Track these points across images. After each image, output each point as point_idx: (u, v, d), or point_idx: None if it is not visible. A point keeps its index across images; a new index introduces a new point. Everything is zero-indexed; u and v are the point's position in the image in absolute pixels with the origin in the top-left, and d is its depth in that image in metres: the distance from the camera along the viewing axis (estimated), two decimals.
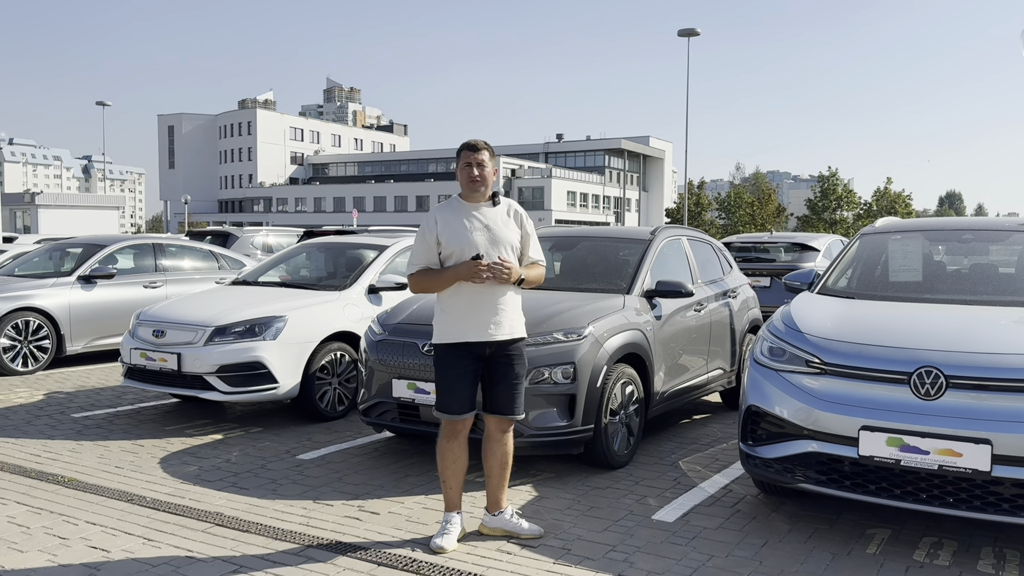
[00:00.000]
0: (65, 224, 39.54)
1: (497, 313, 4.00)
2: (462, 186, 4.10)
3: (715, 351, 6.87)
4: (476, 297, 3.98)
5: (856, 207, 57.27)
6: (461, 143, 4.13)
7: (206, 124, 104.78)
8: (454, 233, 4.00)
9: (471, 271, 3.89)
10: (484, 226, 4.02)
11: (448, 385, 4.05)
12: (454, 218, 4.05)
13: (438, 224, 4.04)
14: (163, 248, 10.71)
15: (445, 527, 4.11)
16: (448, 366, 4.06)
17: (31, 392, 7.98)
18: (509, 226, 4.09)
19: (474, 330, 3.99)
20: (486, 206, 4.09)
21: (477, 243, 3.97)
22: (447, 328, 4.06)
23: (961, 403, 3.87)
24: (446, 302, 4.07)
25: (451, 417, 4.06)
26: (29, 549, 3.99)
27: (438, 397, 4.11)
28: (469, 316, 3.99)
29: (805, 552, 4.05)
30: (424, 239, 4.07)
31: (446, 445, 4.11)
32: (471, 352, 4.03)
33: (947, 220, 6.09)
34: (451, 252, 4.00)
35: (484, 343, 4.01)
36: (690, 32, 38.61)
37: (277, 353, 6.47)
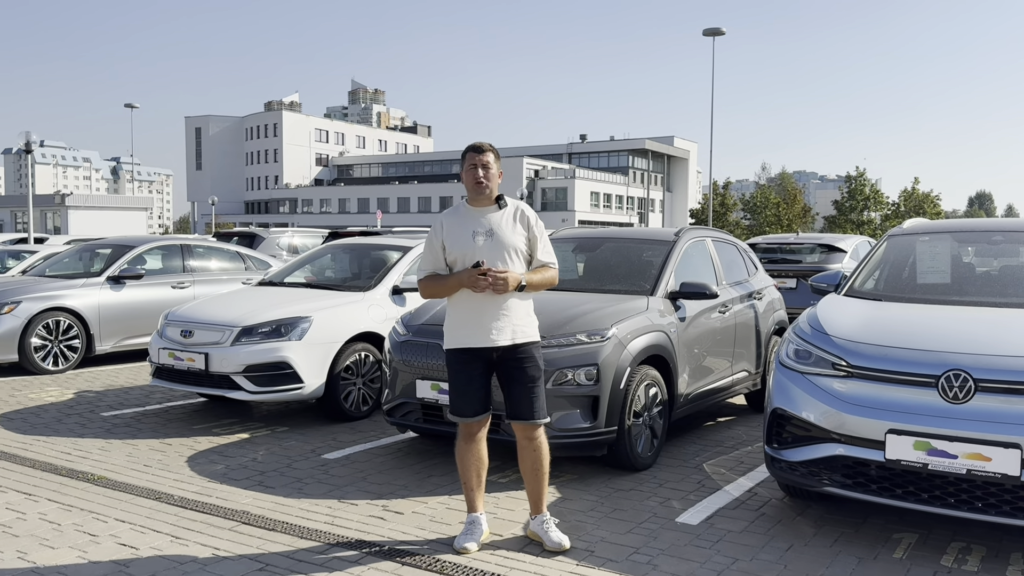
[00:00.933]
0: (94, 225, 40.07)
1: (499, 319, 3.98)
2: (467, 189, 4.09)
3: (740, 353, 6.83)
4: (479, 303, 3.97)
5: (884, 207, 56.62)
6: (466, 146, 4.14)
7: (233, 126, 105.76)
8: (457, 239, 4.01)
9: (471, 279, 3.90)
10: (488, 231, 4.01)
11: (458, 388, 4.07)
12: (459, 224, 4.05)
13: (444, 229, 4.06)
14: (191, 249, 10.83)
15: (468, 528, 4.12)
16: (456, 370, 4.08)
17: (61, 391, 8.10)
18: (515, 230, 4.06)
19: (477, 336, 4.00)
20: (492, 210, 4.07)
21: (479, 249, 3.97)
22: (453, 333, 4.09)
23: (990, 407, 3.82)
24: (452, 308, 4.10)
25: (463, 420, 4.07)
26: (60, 546, 4.05)
27: (450, 400, 4.14)
28: (473, 322, 4.00)
29: (831, 556, 4.02)
30: (431, 244, 4.10)
31: (463, 447, 4.13)
32: (478, 356, 4.03)
33: (976, 221, 6.02)
34: (455, 258, 4.02)
35: (489, 348, 4.01)
36: (715, 31, 38.37)
37: (303, 353, 6.53)
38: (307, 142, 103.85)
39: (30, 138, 18.72)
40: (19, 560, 3.87)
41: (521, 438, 4.13)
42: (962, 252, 5.54)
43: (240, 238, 16.23)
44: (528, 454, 4.13)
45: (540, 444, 4.13)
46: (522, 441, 4.13)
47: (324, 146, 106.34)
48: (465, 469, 4.14)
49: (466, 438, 4.12)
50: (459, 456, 4.15)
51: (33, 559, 3.88)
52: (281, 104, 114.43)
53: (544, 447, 4.15)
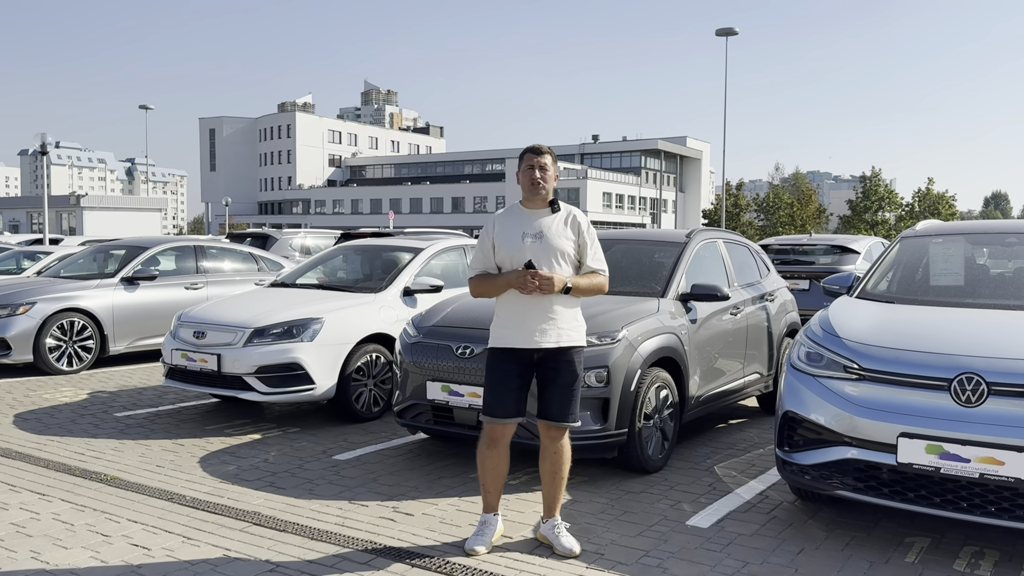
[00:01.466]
0: (109, 226, 40.35)
1: (546, 321, 3.99)
2: (523, 189, 4.11)
3: (752, 355, 6.81)
4: (526, 304, 3.98)
5: (898, 208, 56.34)
6: (524, 147, 4.16)
7: (246, 127, 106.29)
8: (507, 239, 4.04)
9: (520, 280, 3.90)
10: (537, 234, 4.02)
11: (493, 388, 4.06)
12: (510, 224, 4.08)
13: (495, 229, 4.09)
14: (204, 250, 10.89)
15: (480, 529, 4.12)
16: (493, 369, 4.07)
17: (75, 391, 8.16)
18: (565, 234, 4.06)
19: (521, 337, 4.00)
20: (544, 213, 4.09)
21: (527, 251, 3.98)
22: (497, 333, 4.09)
23: (1003, 410, 3.79)
24: (499, 307, 4.10)
25: (492, 420, 4.05)
26: (73, 546, 4.08)
27: (483, 399, 4.14)
28: (518, 322, 4.00)
29: (842, 560, 4.00)
30: (482, 244, 4.13)
31: (485, 451, 4.10)
32: (518, 358, 4.03)
33: (990, 223, 5.97)
34: (504, 258, 4.05)
35: (531, 350, 4.01)
36: (728, 31, 38.24)
37: (314, 354, 6.55)
38: (320, 143, 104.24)
39: (46, 140, 18.87)
40: (32, 560, 3.90)
41: (545, 439, 4.13)
42: (975, 254, 5.50)
43: (253, 239, 16.30)
44: (549, 455, 4.13)
45: (563, 447, 4.13)
46: (546, 442, 4.13)
47: (337, 147, 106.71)
48: (483, 472, 4.13)
49: (489, 442, 4.08)
50: (480, 459, 4.13)
51: (46, 559, 3.91)
52: (294, 105, 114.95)
53: (566, 451, 4.14)
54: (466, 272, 8.16)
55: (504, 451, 4.12)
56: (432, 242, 8.19)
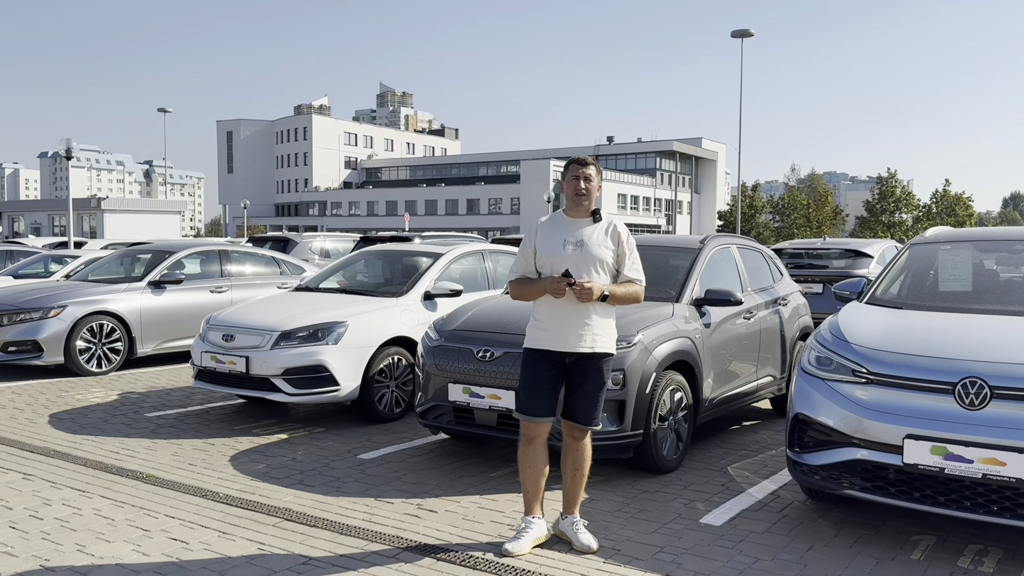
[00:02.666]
0: (129, 228, 40.84)
1: (580, 327, 4.16)
2: (567, 199, 4.30)
3: (765, 358, 6.96)
4: (562, 310, 4.15)
5: (915, 209, 56.13)
6: (569, 159, 4.34)
7: (263, 130, 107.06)
8: (548, 246, 4.22)
9: (554, 287, 4.08)
10: (578, 242, 4.19)
11: (527, 387, 4.23)
12: (552, 231, 4.26)
13: (537, 235, 4.27)
14: (228, 254, 11.13)
15: (520, 532, 4.24)
16: (529, 369, 4.24)
17: (106, 392, 8.41)
18: (605, 244, 4.23)
19: (556, 340, 4.18)
20: (585, 222, 4.26)
21: (567, 259, 4.15)
22: (533, 334, 4.27)
23: (1006, 413, 3.94)
24: (536, 311, 4.28)
25: (526, 418, 4.21)
26: (115, 540, 4.30)
27: (517, 398, 4.32)
28: (554, 326, 4.18)
29: (850, 557, 4.16)
30: (524, 249, 4.31)
31: (522, 449, 4.27)
32: (552, 360, 4.20)
33: (999, 230, 6.09)
34: (543, 264, 4.23)
35: (564, 353, 4.19)
36: (743, 33, 38.24)
37: (339, 357, 6.76)
38: (336, 145, 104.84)
39: (70, 144, 19.21)
40: (79, 553, 4.12)
41: (568, 437, 4.31)
42: (983, 260, 5.63)
43: (274, 242, 16.55)
44: (571, 453, 4.31)
45: (584, 447, 4.31)
46: (568, 440, 4.32)
47: (353, 149, 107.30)
48: (522, 471, 4.27)
49: (525, 440, 4.25)
50: (519, 457, 4.29)
51: (91, 551, 4.13)
52: (311, 108, 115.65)
53: (587, 451, 4.32)
54: (483, 277, 8.40)
55: (540, 449, 4.26)
56: (451, 247, 8.38)
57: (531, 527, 4.25)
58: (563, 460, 4.35)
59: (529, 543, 4.20)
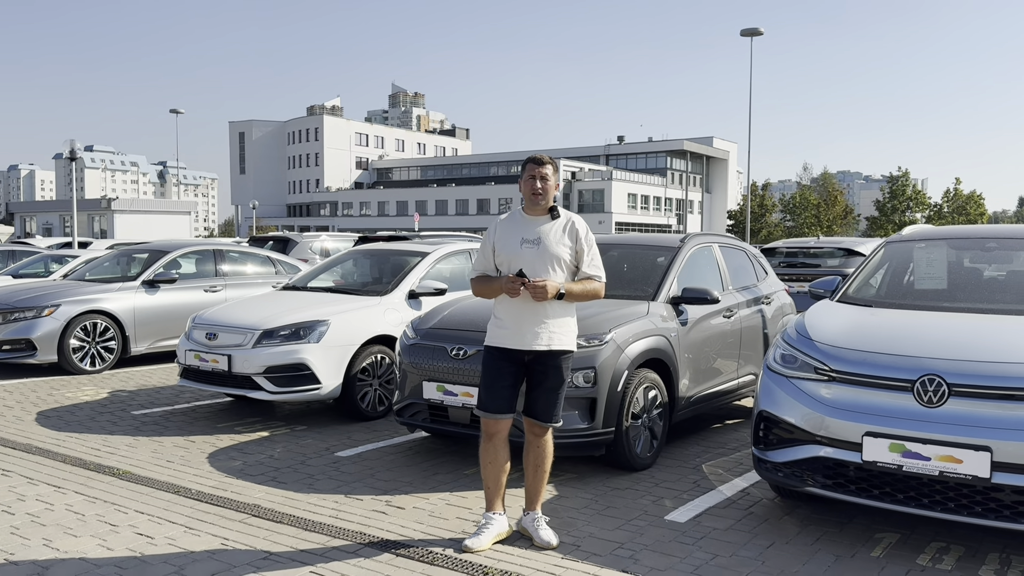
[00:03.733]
0: (139, 229, 41.09)
1: (538, 325, 4.19)
2: (524, 198, 4.32)
3: (747, 356, 6.95)
4: (520, 308, 4.18)
5: (926, 208, 55.77)
6: (527, 157, 4.36)
7: (275, 131, 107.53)
8: (505, 245, 4.24)
9: (508, 287, 4.10)
10: (535, 240, 4.22)
11: (487, 384, 4.26)
12: (510, 230, 4.28)
13: (496, 234, 4.31)
14: (223, 254, 11.21)
15: (481, 528, 4.26)
16: (489, 367, 4.27)
17: (97, 390, 8.49)
18: (562, 241, 4.25)
19: (514, 338, 4.20)
20: (543, 220, 4.28)
21: (523, 256, 4.18)
22: (493, 332, 4.30)
23: (962, 410, 3.94)
24: (496, 309, 4.32)
25: (487, 415, 4.24)
26: (82, 534, 4.36)
27: (478, 395, 4.34)
28: (512, 324, 4.21)
29: (809, 554, 4.16)
30: (484, 247, 4.36)
31: (483, 446, 4.30)
32: (511, 358, 4.23)
33: (974, 228, 6.07)
34: (501, 262, 4.27)
35: (523, 351, 4.21)
36: (753, 32, 38.10)
37: (320, 355, 6.81)
38: (347, 146, 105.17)
39: (74, 146, 19.42)
40: (44, 547, 4.18)
41: (529, 434, 4.34)
42: (956, 259, 5.61)
43: (274, 242, 16.64)
44: (533, 450, 4.33)
45: (546, 443, 4.34)
46: (530, 437, 4.34)
47: (364, 149, 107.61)
48: (483, 467, 4.29)
49: (486, 437, 4.28)
50: (480, 454, 4.32)
51: (57, 546, 4.19)
52: (323, 108, 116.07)
53: (549, 447, 4.36)
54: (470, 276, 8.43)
55: (501, 446, 4.29)
56: (438, 246, 8.42)
57: (492, 523, 4.27)
58: (525, 457, 4.38)
59: (489, 539, 4.21)
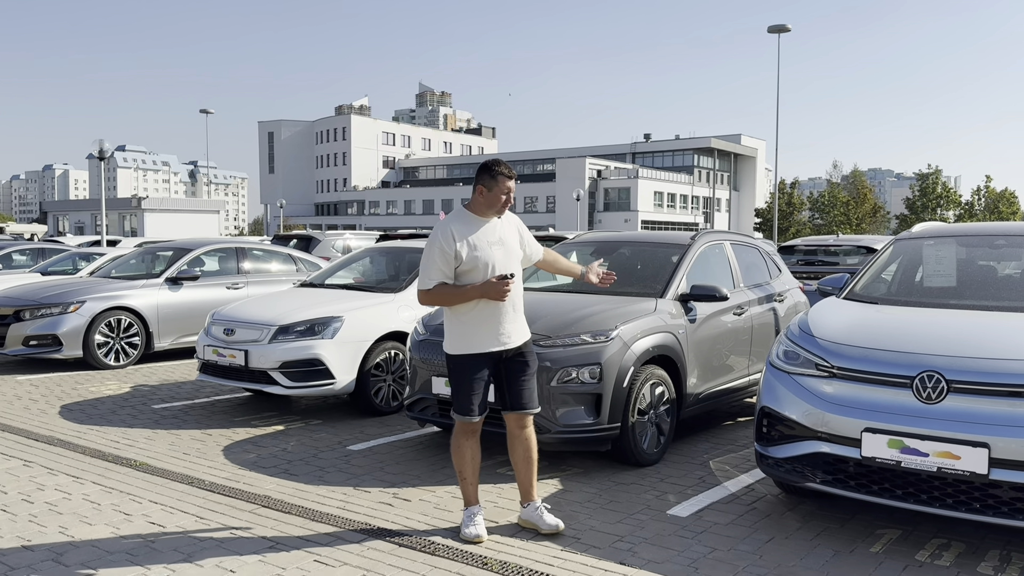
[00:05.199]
0: (169, 227, 41.73)
1: (514, 322, 4.28)
2: (484, 206, 4.27)
3: (758, 353, 6.96)
4: (495, 310, 4.22)
5: (958, 206, 55.01)
6: (490, 163, 4.31)
7: (303, 130, 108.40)
8: (474, 249, 4.18)
9: (498, 292, 4.11)
10: (499, 240, 4.28)
11: (470, 390, 4.25)
12: (472, 233, 4.21)
13: (456, 240, 4.16)
14: (245, 252, 11.39)
15: (472, 519, 4.32)
16: (467, 373, 4.25)
17: (119, 385, 8.68)
18: (515, 237, 4.39)
19: (491, 340, 4.23)
20: (495, 219, 4.34)
21: (497, 258, 4.22)
22: (466, 339, 4.24)
23: (961, 407, 3.94)
24: (464, 315, 4.23)
25: (471, 419, 4.28)
26: (97, 523, 4.49)
27: (458, 401, 4.29)
28: (486, 328, 4.22)
29: (808, 549, 4.19)
30: (443, 253, 4.15)
31: (465, 443, 4.33)
32: (489, 359, 4.27)
33: (984, 225, 6.03)
34: (470, 267, 4.17)
35: (501, 351, 4.28)
36: (780, 28, 37.79)
37: (334, 351, 6.92)
38: (375, 145, 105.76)
39: (103, 145, 19.77)
40: (59, 534, 4.32)
41: (514, 428, 4.39)
42: (964, 256, 5.58)
43: (297, 240, 16.86)
44: (520, 443, 4.39)
45: (530, 433, 4.42)
46: (514, 431, 4.39)
47: (391, 149, 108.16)
48: (464, 465, 4.33)
49: (468, 434, 4.33)
50: (459, 452, 4.32)
51: (72, 534, 4.32)
52: (351, 108, 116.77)
53: (533, 436, 4.44)
54: None
55: (479, 440, 4.37)
56: None
57: (480, 513, 4.36)
58: (512, 452, 4.42)
59: (484, 527, 4.31)
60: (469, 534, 4.24)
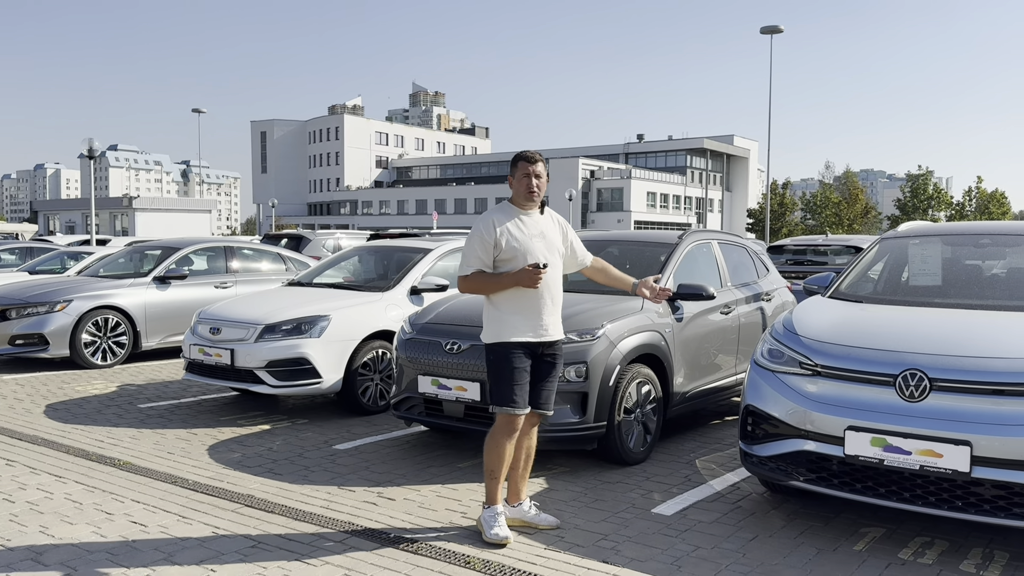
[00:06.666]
0: (161, 227, 41.58)
1: (548, 316, 4.25)
2: (518, 195, 4.30)
3: (745, 352, 6.95)
4: (529, 301, 4.20)
5: (949, 207, 55.22)
6: (516, 153, 4.38)
7: (296, 130, 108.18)
8: (514, 238, 4.19)
9: (531, 279, 4.09)
10: (540, 233, 4.28)
11: (510, 379, 4.17)
12: (513, 224, 4.23)
13: (497, 229, 4.20)
14: (234, 251, 11.35)
15: (496, 519, 4.22)
16: (507, 362, 4.18)
17: (106, 384, 8.64)
18: (558, 233, 4.39)
19: (528, 330, 4.21)
20: (536, 214, 4.34)
21: (536, 249, 4.21)
22: (504, 328, 4.20)
23: (943, 405, 3.94)
24: (503, 304, 4.21)
25: (517, 411, 4.19)
26: (78, 522, 4.46)
27: (499, 392, 4.19)
28: (526, 317, 4.20)
29: (792, 547, 4.18)
30: (482, 242, 4.21)
31: (504, 441, 4.21)
32: (529, 350, 4.24)
33: (969, 224, 6.04)
34: (510, 256, 4.18)
35: (540, 343, 4.25)
36: (773, 29, 37.95)
37: (321, 350, 6.89)
38: (368, 145, 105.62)
39: (93, 144, 19.71)
40: (40, 534, 4.28)
41: (527, 425, 4.36)
42: (949, 255, 5.59)
43: (288, 239, 16.82)
44: (526, 440, 4.39)
45: (535, 433, 4.46)
46: (525, 428, 4.35)
47: (384, 148, 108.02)
48: (498, 464, 4.21)
49: (510, 432, 4.21)
50: (499, 449, 4.20)
51: (52, 533, 4.29)
52: (344, 108, 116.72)
53: (535, 436, 4.47)
54: None
55: (515, 440, 4.29)
56: (441, 243, 8.48)
57: (503, 514, 4.29)
58: (518, 448, 4.37)
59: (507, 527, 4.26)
60: (495, 536, 4.15)
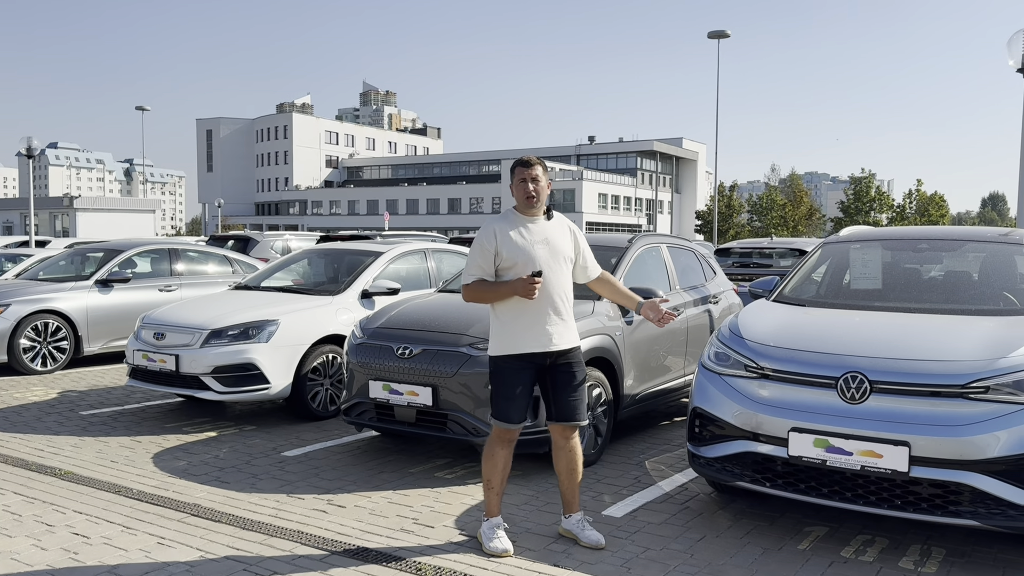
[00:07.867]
0: (103, 227, 40.51)
1: (557, 324, 4.16)
2: (518, 201, 4.22)
3: (694, 354, 7.05)
4: (538, 309, 4.10)
5: (890, 209, 56.64)
6: (515, 160, 4.28)
7: (243, 128, 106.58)
8: (515, 246, 4.11)
9: (526, 289, 4.00)
10: (544, 240, 4.18)
11: (508, 395, 4.13)
12: (515, 231, 4.15)
13: (498, 237, 4.13)
14: (179, 253, 11.14)
15: (495, 531, 4.18)
16: (509, 376, 4.13)
17: (46, 390, 8.42)
18: (566, 239, 4.29)
19: (531, 342, 4.11)
20: (541, 220, 4.25)
21: (538, 257, 4.13)
22: (507, 339, 4.14)
23: (883, 407, 4.06)
24: (504, 314, 4.14)
25: (510, 426, 4.16)
26: (17, 534, 4.34)
27: (498, 406, 4.18)
28: (529, 327, 4.11)
29: (738, 547, 4.26)
30: (484, 250, 4.14)
31: (500, 452, 4.19)
32: (532, 362, 4.17)
33: (908, 229, 6.22)
34: (511, 264, 4.11)
35: (545, 353, 4.17)
36: (720, 34, 38.62)
37: (269, 355, 6.81)
38: (317, 144, 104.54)
39: (32, 143, 19.15)
40: None
41: (559, 439, 4.28)
42: (890, 259, 5.75)
43: (235, 241, 16.55)
44: (564, 455, 4.29)
45: (575, 445, 4.30)
46: (559, 442, 4.28)
47: (334, 148, 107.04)
48: (495, 473, 4.20)
49: (505, 444, 4.20)
50: (492, 461, 4.19)
51: None
52: (292, 106, 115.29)
53: (579, 448, 4.32)
54: (426, 276, 8.45)
55: (512, 451, 4.26)
56: (392, 246, 8.44)
57: (502, 526, 4.24)
58: (557, 462, 4.33)
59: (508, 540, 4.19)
60: (495, 548, 4.10)
